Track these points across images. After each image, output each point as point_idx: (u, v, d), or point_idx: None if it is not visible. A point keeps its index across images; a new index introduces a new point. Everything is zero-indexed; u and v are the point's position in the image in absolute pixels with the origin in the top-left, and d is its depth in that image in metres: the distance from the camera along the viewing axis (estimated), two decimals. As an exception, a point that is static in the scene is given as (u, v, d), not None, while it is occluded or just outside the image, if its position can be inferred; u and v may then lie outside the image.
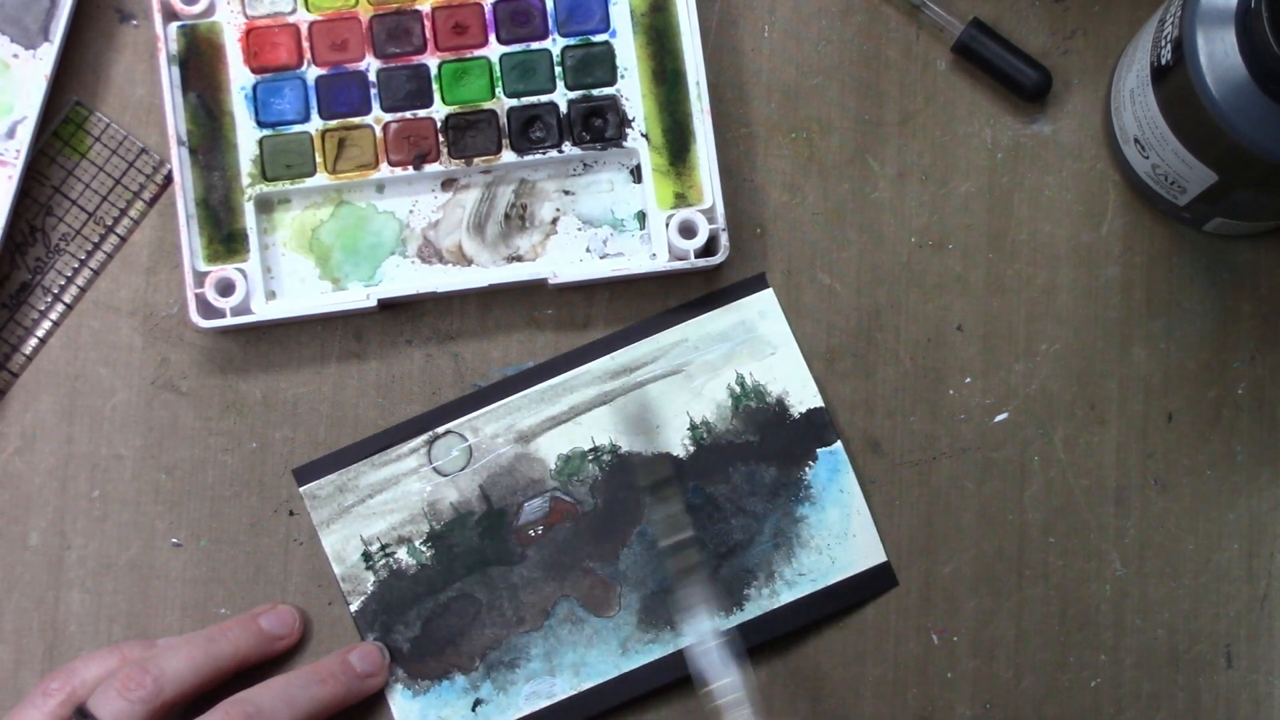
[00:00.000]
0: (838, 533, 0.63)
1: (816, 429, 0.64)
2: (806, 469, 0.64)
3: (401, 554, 0.63)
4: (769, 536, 0.63)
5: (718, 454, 0.64)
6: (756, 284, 0.64)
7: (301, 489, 0.63)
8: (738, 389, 0.64)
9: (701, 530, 0.63)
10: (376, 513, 0.63)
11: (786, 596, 0.63)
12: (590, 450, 0.64)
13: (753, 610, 0.63)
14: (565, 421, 0.64)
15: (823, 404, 0.64)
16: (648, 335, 0.64)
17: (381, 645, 0.62)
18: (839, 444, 0.64)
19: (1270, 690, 0.64)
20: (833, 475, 0.64)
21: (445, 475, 0.63)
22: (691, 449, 0.64)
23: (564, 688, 0.62)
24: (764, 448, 0.64)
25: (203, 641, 0.60)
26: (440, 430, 0.64)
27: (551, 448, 0.64)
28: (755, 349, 0.64)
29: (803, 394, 0.64)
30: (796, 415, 0.64)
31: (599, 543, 0.63)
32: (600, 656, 0.63)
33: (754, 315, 0.64)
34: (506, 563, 0.63)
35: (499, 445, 0.64)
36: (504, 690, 0.62)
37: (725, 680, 0.57)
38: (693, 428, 0.64)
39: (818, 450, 0.64)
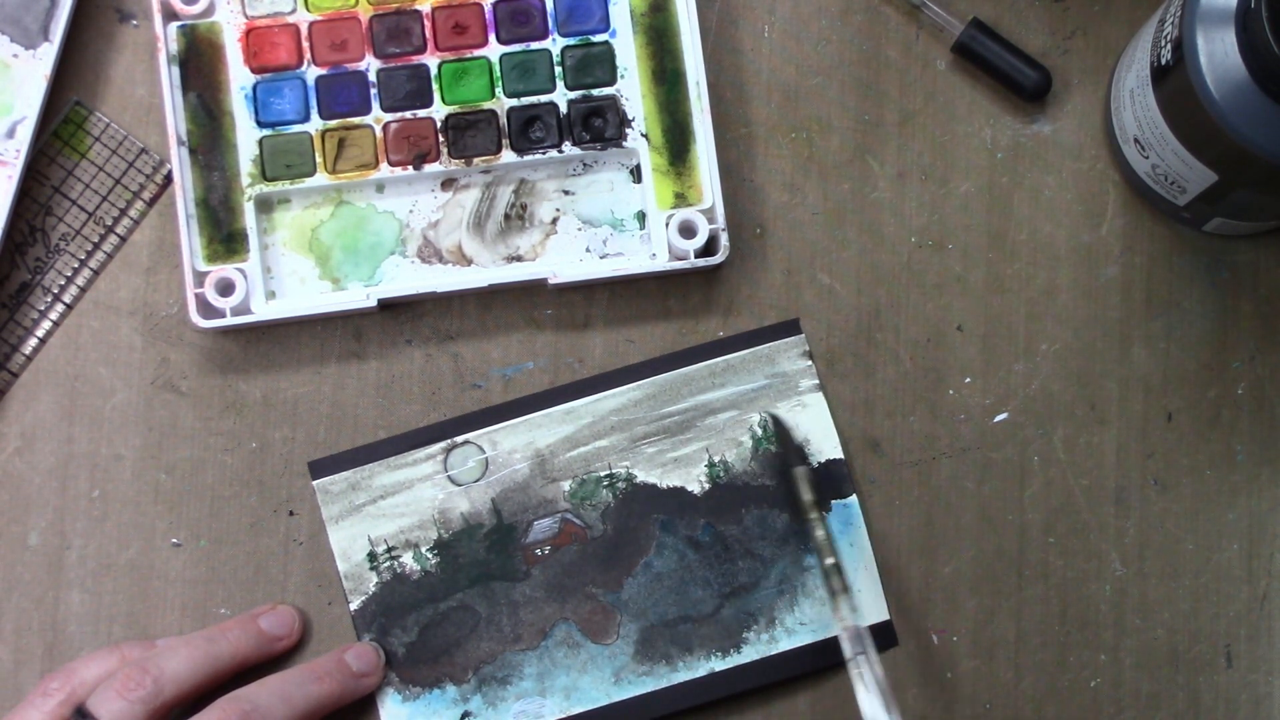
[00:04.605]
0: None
1: (834, 480, 0.64)
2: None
3: (407, 558, 0.63)
4: (775, 582, 0.63)
5: (733, 494, 0.64)
6: (789, 329, 0.64)
7: (315, 482, 0.63)
8: (760, 431, 0.64)
9: (708, 569, 0.63)
10: (387, 514, 0.63)
11: (785, 644, 0.63)
12: (606, 476, 0.63)
13: (750, 654, 0.63)
14: (584, 445, 0.64)
15: (843, 456, 0.64)
16: (677, 367, 0.64)
17: (377, 646, 0.62)
18: (854, 498, 0.64)
19: (1270, 690, 0.64)
20: (845, 528, 0.63)
21: (459, 485, 0.63)
22: (707, 486, 0.64)
23: (553, 710, 0.62)
24: (779, 493, 0.64)
25: (202, 642, 0.60)
26: (459, 440, 0.64)
27: (568, 469, 0.63)
28: (782, 393, 0.64)
29: (824, 444, 0.64)
30: (815, 465, 0.64)
31: (604, 569, 0.63)
32: (593, 683, 0.63)
33: (784, 360, 0.64)
34: (510, 579, 0.63)
35: (516, 461, 0.64)
36: (493, 705, 0.62)
37: (878, 703, 0.57)
38: (710, 465, 0.64)
39: (833, 502, 0.64)
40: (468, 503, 0.63)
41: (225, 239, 0.63)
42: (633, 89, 0.64)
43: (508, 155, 0.63)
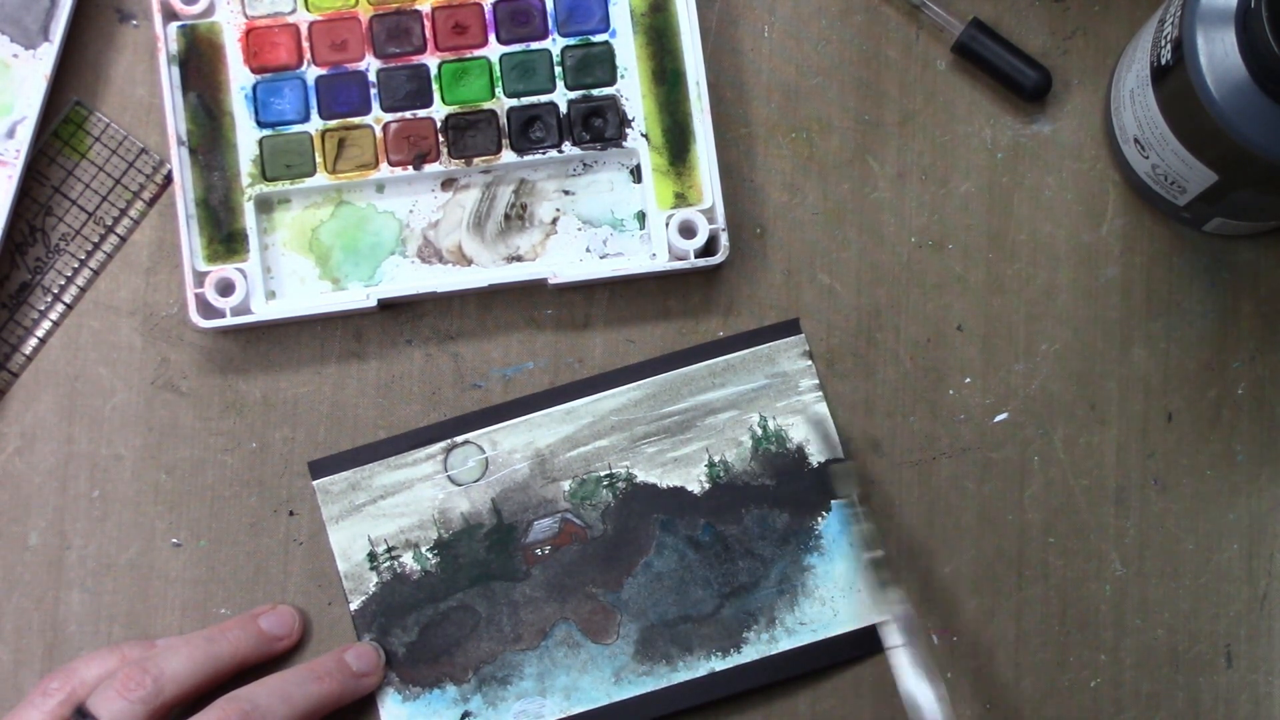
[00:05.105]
0: (844, 586, 0.63)
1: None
2: (819, 519, 0.64)
3: (407, 558, 0.63)
4: (775, 582, 0.63)
5: (732, 494, 0.64)
6: (789, 329, 0.64)
7: (315, 482, 0.63)
8: (759, 431, 0.64)
9: (708, 569, 0.63)
10: (387, 514, 0.63)
11: (785, 644, 0.63)
12: (606, 476, 0.63)
13: (750, 654, 0.63)
14: (584, 445, 0.64)
15: (843, 456, 0.64)
16: (677, 367, 0.64)
17: (377, 645, 0.62)
18: (854, 497, 0.64)
19: (1270, 690, 0.64)
20: (845, 528, 0.63)
21: (459, 485, 0.63)
22: (707, 486, 0.64)
23: (553, 710, 0.62)
24: (779, 493, 0.64)
25: (202, 642, 0.60)
26: (459, 439, 0.64)
27: (568, 469, 0.63)
28: (782, 393, 0.64)
29: (825, 444, 0.64)
30: (815, 464, 0.64)
31: (604, 569, 0.63)
32: (593, 683, 0.63)
33: (784, 360, 0.64)
34: (510, 579, 0.63)
35: (516, 461, 0.64)
36: (493, 705, 0.62)
37: (925, 692, 0.57)
38: (710, 465, 0.64)
39: (832, 501, 0.64)
40: (468, 503, 0.63)
41: (225, 239, 0.63)
42: (633, 89, 0.64)
43: (508, 155, 0.63)
